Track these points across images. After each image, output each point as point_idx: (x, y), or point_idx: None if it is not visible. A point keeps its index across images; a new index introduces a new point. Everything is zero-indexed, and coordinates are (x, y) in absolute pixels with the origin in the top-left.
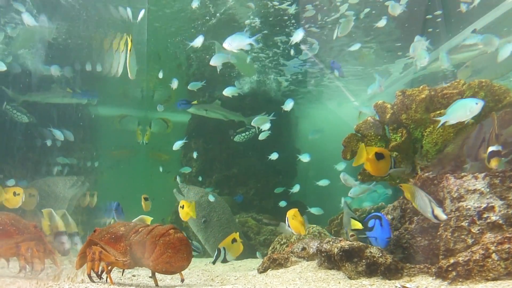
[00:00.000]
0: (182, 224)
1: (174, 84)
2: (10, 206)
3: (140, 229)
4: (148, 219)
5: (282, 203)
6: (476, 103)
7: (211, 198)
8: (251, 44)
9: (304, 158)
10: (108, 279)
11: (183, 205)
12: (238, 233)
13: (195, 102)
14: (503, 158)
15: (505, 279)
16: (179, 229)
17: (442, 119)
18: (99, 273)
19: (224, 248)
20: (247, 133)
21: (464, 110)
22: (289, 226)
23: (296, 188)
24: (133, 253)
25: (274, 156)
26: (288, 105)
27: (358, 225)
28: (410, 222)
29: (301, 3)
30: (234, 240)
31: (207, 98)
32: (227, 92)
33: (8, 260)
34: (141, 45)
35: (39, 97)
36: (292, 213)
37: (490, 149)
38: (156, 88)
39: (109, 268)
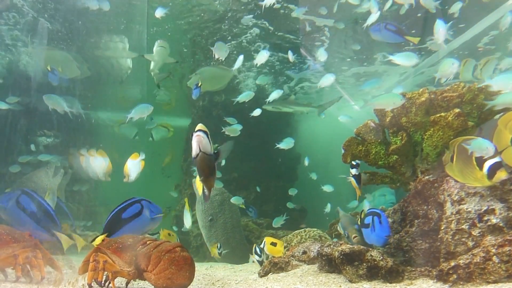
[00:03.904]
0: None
1: None
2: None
3: (148, 242)
4: None
5: (290, 204)
6: None
7: (239, 201)
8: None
9: (287, 144)
10: (110, 284)
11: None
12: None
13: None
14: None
15: (506, 282)
16: (186, 248)
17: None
18: (102, 282)
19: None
20: None
21: None
22: (266, 250)
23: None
24: (138, 264)
25: (257, 112)
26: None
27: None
28: (411, 225)
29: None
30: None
31: (207, 102)
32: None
33: (4, 270)
34: (141, 48)
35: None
36: (270, 240)
37: (490, 162)
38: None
39: (113, 276)
